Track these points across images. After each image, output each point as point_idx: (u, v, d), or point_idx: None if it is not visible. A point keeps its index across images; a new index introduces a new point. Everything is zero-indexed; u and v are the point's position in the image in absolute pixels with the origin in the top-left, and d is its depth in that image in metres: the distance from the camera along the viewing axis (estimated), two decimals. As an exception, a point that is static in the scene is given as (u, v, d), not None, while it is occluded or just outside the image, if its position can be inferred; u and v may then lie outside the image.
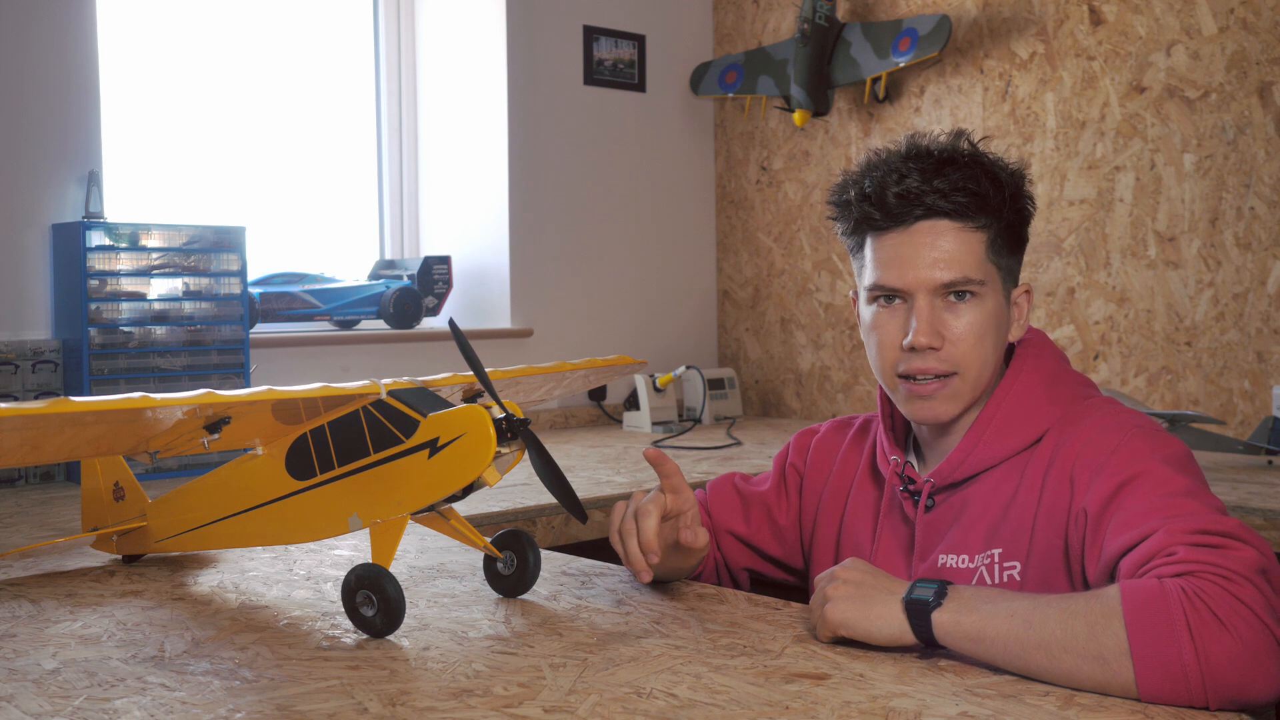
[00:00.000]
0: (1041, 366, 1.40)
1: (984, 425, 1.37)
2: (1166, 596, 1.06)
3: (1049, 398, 1.37)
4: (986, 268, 1.35)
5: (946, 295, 1.35)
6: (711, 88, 3.65)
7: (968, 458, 1.37)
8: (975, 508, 1.37)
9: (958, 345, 1.34)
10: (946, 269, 1.33)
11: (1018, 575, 1.32)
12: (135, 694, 1.11)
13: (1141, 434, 1.29)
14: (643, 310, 3.68)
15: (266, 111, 3.28)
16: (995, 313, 1.36)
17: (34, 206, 2.58)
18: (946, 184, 1.33)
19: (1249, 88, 2.72)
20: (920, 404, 1.37)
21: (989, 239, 1.35)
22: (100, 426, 1.27)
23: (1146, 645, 1.04)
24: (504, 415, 1.25)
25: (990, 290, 1.36)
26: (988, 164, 1.37)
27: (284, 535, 1.42)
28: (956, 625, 1.14)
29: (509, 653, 1.22)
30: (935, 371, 1.35)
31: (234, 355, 2.59)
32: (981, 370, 1.36)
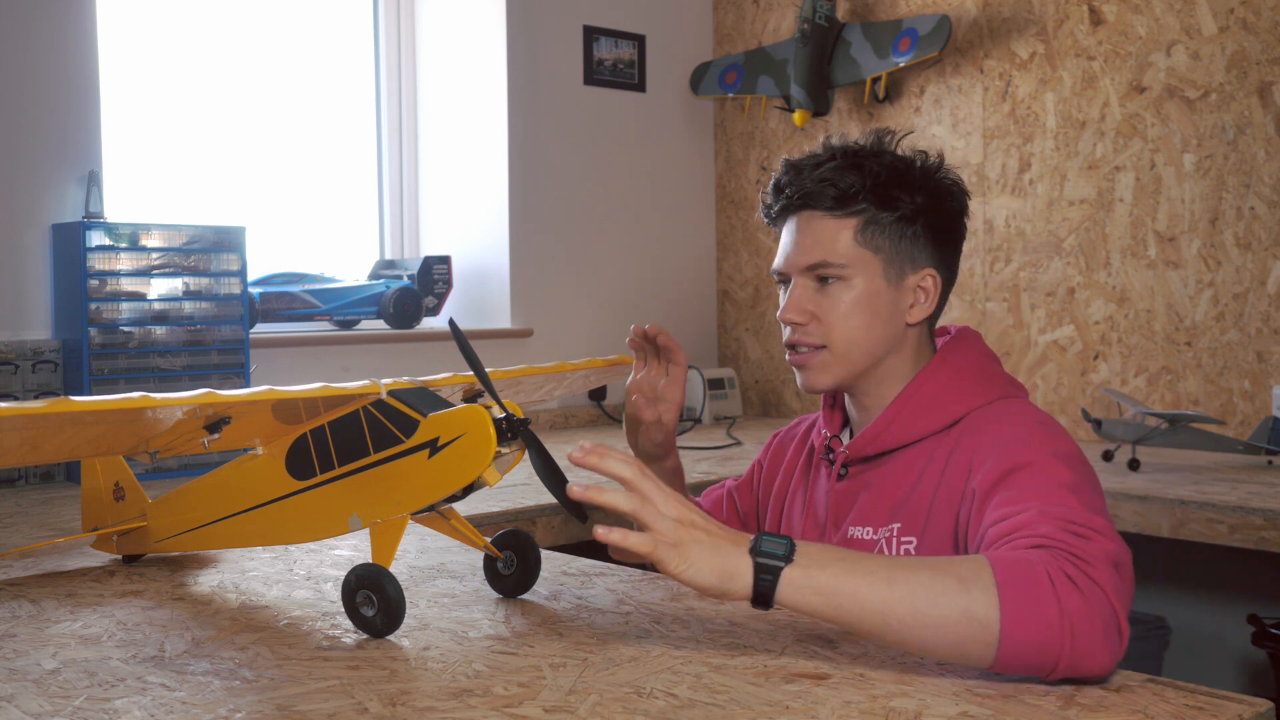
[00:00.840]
0: (967, 360, 1.48)
1: (902, 405, 1.46)
2: (1031, 562, 1.10)
3: (969, 389, 1.45)
4: (855, 253, 1.45)
5: (815, 277, 1.47)
6: (711, 88, 3.65)
7: (882, 434, 1.46)
8: (885, 483, 1.45)
9: (823, 321, 1.46)
10: (808, 253, 1.46)
11: (913, 550, 1.40)
12: (135, 694, 1.11)
13: (1042, 429, 1.36)
14: (643, 310, 3.67)
15: (266, 111, 3.28)
16: (868, 294, 1.45)
17: (34, 206, 2.58)
18: (814, 178, 1.46)
19: (1249, 88, 2.72)
20: (800, 374, 1.51)
21: (859, 225, 1.45)
22: (100, 426, 1.27)
23: (1016, 601, 1.07)
24: (504, 415, 1.25)
25: (860, 273, 1.45)
26: (862, 158, 1.47)
27: (284, 535, 1.42)
28: (809, 580, 1.11)
29: (509, 653, 1.22)
30: (806, 344, 1.48)
31: (234, 355, 2.59)
32: (850, 346, 1.46)
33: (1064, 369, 3.05)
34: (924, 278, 1.48)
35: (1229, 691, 1.09)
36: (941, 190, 1.49)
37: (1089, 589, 1.08)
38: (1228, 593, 2.76)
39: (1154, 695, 1.08)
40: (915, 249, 1.47)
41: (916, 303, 1.48)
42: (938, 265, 1.48)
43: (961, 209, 1.51)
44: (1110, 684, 1.11)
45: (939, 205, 1.48)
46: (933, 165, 1.49)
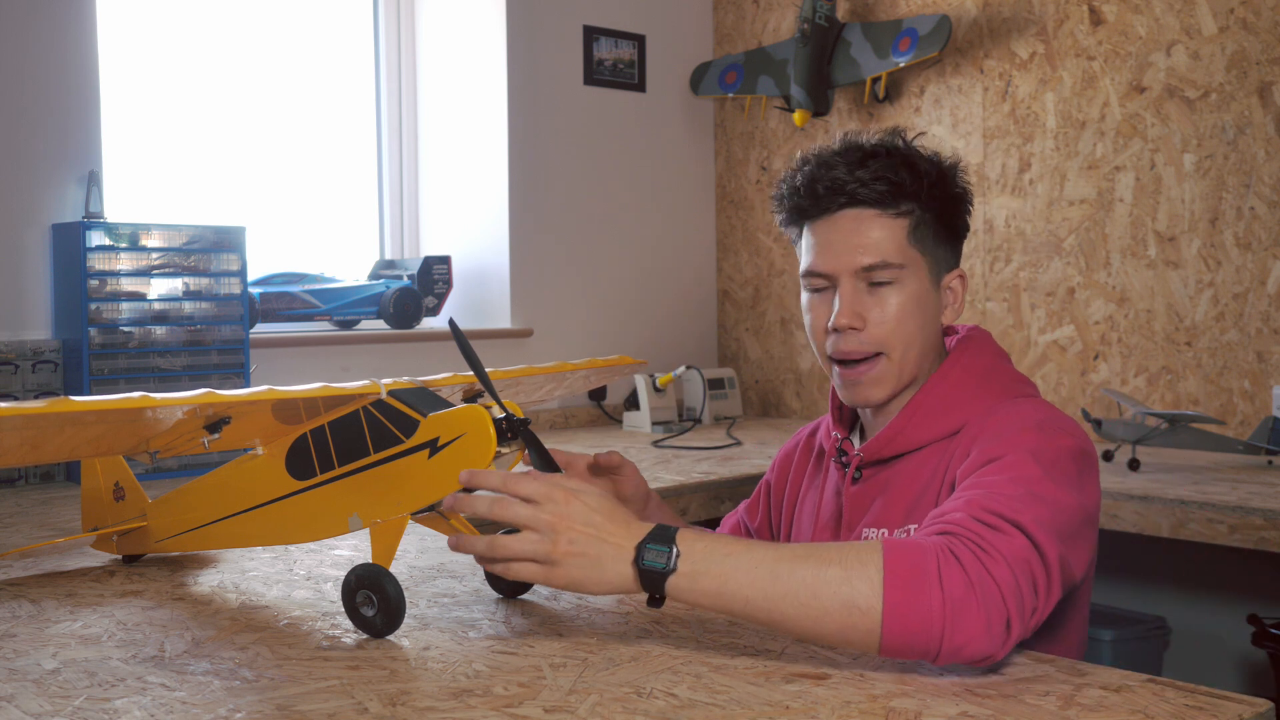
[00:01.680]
0: (977, 361, 1.47)
1: (914, 409, 1.44)
2: (924, 549, 1.11)
3: (977, 391, 1.44)
4: (908, 253, 1.42)
5: (869, 279, 1.42)
6: (711, 88, 3.66)
7: (895, 438, 1.44)
8: (898, 486, 1.44)
9: (880, 326, 1.42)
10: (866, 253, 1.41)
11: None
12: (135, 694, 1.11)
13: (1035, 428, 1.33)
14: (643, 310, 3.68)
15: (266, 112, 3.28)
16: (918, 296, 1.43)
17: (34, 206, 2.58)
18: (867, 174, 1.41)
19: (1249, 88, 2.72)
20: (852, 389, 1.46)
21: (910, 225, 1.42)
22: (100, 426, 1.27)
23: (898, 589, 1.08)
24: (504, 415, 1.25)
25: (912, 275, 1.43)
26: (910, 155, 1.45)
27: (284, 535, 1.42)
28: (694, 585, 1.13)
29: (509, 653, 1.22)
30: (860, 353, 1.43)
31: (234, 355, 2.59)
32: (906, 351, 1.43)
33: (1064, 369, 3.05)
34: (954, 279, 1.48)
35: (1229, 691, 1.09)
36: (960, 191, 1.49)
37: (979, 579, 1.09)
38: (1228, 593, 2.76)
39: (1154, 695, 1.08)
40: (947, 250, 1.47)
41: (949, 304, 1.47)
42: (958, 265, 1.49)
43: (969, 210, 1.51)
44: (1110, 684, 1.11)
45: (960, 207, 1.48)
46: (954, 166, 1.48)
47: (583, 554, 1.15)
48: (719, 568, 1.13)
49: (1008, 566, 1.11)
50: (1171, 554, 2.77)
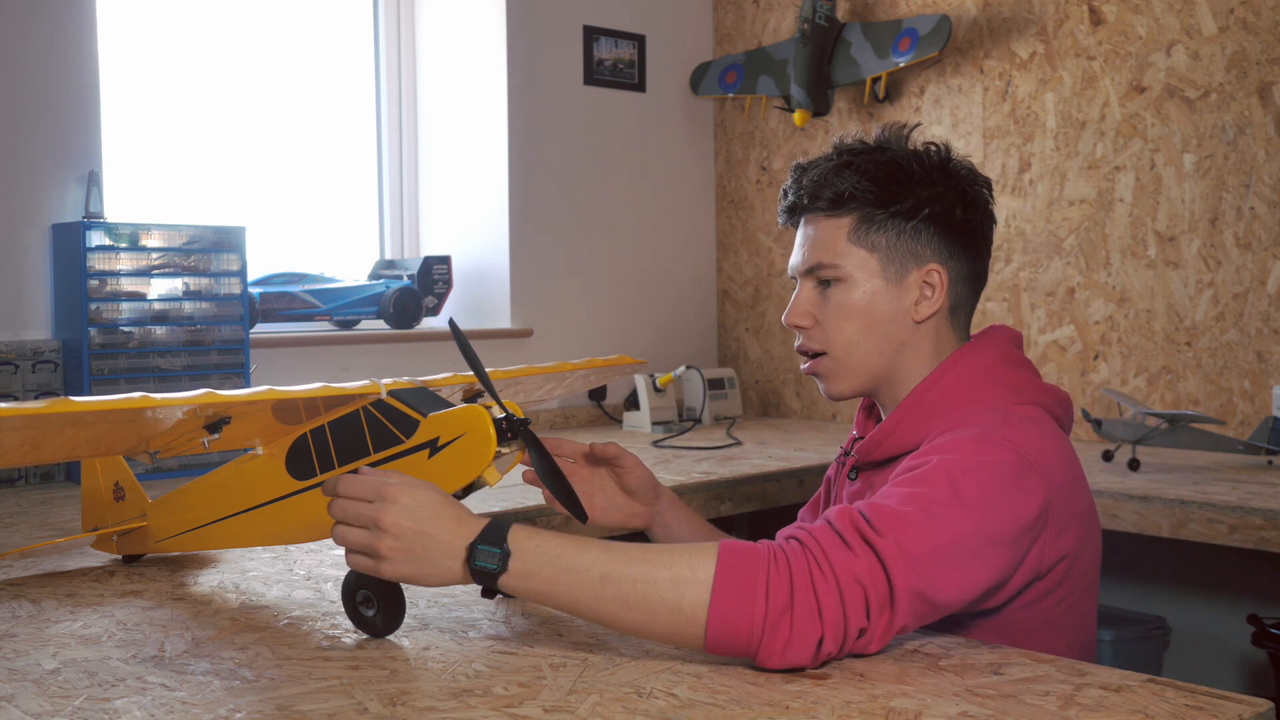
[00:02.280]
0: (978, 364, 1.43)
1: (906, 410, 1.43)
2: (758, 557, 1.14)
3: (972, 395, 1.40)
4: (851, 253, 1.44)
5: (816, 280, 1.46)
6: (711, 88, 3.66)
7: (885, 439, 1.44)
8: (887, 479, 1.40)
9: (822, 325, 1.46)
10: (806, 256, 1.47)
11: None
12: (135, 694, 1.11)
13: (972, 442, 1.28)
14: (643, 310, 3.68)
15: (266, 112, 3.28)
16: (867, 294, 1.44)
17: (34, 206, 2.58)
18: (809, 181, 1.47)
19: (1249, 88, 2.72)
20: (817, 381, 1.51)
21: (852, 225, 1.44)
22: (100, 426, 1.27)
23: (724, 597, 1.12)
24: (504, 415, 1.25)
25: (859, 273, 1.44)
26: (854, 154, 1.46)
27: (284, 535, 1.42)
28: (526, 583, 1.17)
29: (509, 653, 1.22)
30: (807, 350, 1.48)
31: (234, 355, 2.59)
32: (849, 349, 1.45)
33: (1064, 369, 3.05)
34: (929, 273, 1.43)
35: (1229, 691, 1.09)
36: (948, 182, 1.44)
37: (802, 594, 1.12)
38: (1228, 593, 2.76)
39: (1154, 695, 1.08)
40: (917, 244, 1.43)
41: (923, 298, 1.44)
42: (946, 259, 1.43)
43: (974, 200, 1.46)
44: (1110, 684, 1.11)
45: (944, 198, 1.43)
46: (937, 158, 1.45)
47: (409, 550, 1.18)
48: (549, 569, 1.16)
49: (836, 586, 1.13)
50: (1171, 554, 2.77)
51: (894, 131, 1.49)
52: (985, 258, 1.49)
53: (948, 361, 1.44)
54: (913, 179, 1.43)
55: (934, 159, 1.46)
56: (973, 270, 1.47)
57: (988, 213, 1.48)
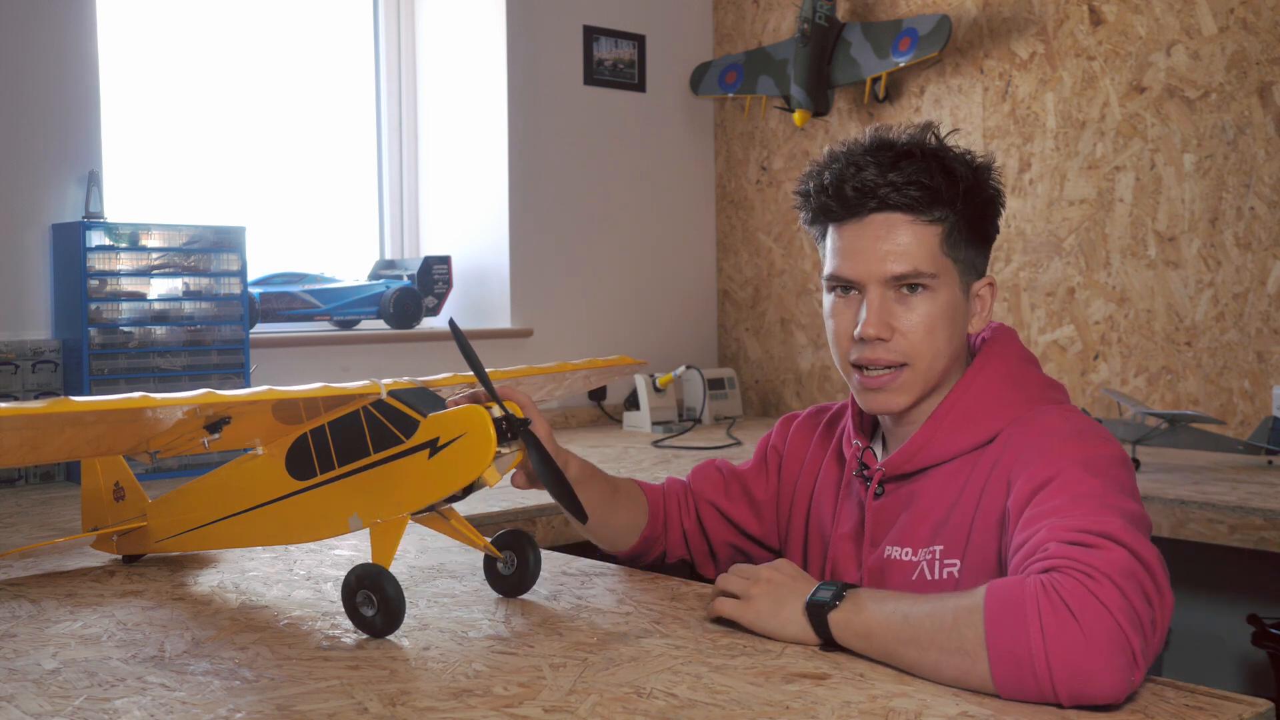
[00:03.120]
0: (1003, 367, 1.41)
1: (939, 420, 1.39)
2: (1024, 590, 1.08)
3: (1006, 399, 1.38)
4: (940, 261, 1.36)
5: (899, 287, 1.36)
6: (711, 88, 3.65)
7: (920, 451, 1.39)
8: (923, 502, 1.39)
9: (908, 337, 1.36)
10: (898, 261, 1.35)
11: (957, 573, 1.34)
12: (135, 694, 1.11)
13: (1075, 439, 1.29)
14: (643, 310, 3.67)
15: (266, 111, 3.28)
16: (949, 305, 1.38)
17: (34, 206, 2.58)
18: (900, 177, 1.35)
19: (1249, 88, 2.72)
20: (871, 395, 1.40)
21: (944, 232, 1.37)
22: (100, 426, 1.27)
23: (1000, 637, 1.07)
24: (504, 415, 1.25)
25: (944, 283, 1.37)
26: (945, 158, 1.38)
27: (284, 535, 1.42)
28: (848, 624, 1.19)
29: (509, 653, 1.22)
30: (885, 362, 1.37)
31: (234, 355, 2.59)
32: (933, 362, 1.38)
33: (1064, 369, 3.05)
34: (984, 286, 1.42)
35: (1229, 691, 1.09)
36: (993, 194, 1.43)
37: (1086, 617, 1.04)
38: (1228, 593, 2.75)
39: (1154, 695, 1.08)
40: (978, 256, 1.41)
41: (976, 313, 1.42)
42: (988, 271, 1.44)
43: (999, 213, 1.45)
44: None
45: (992, 210, 1.43)
46: (985, 166, 1.42)
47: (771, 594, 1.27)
48: (870, 609, 1.18)
49: (1113, 585, 1.06)
50: (1171, 554, 2.75)
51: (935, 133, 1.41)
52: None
53: (973, 368, 1.41)
54: (983, 190, 1.40)
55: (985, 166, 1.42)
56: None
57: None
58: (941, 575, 1.35)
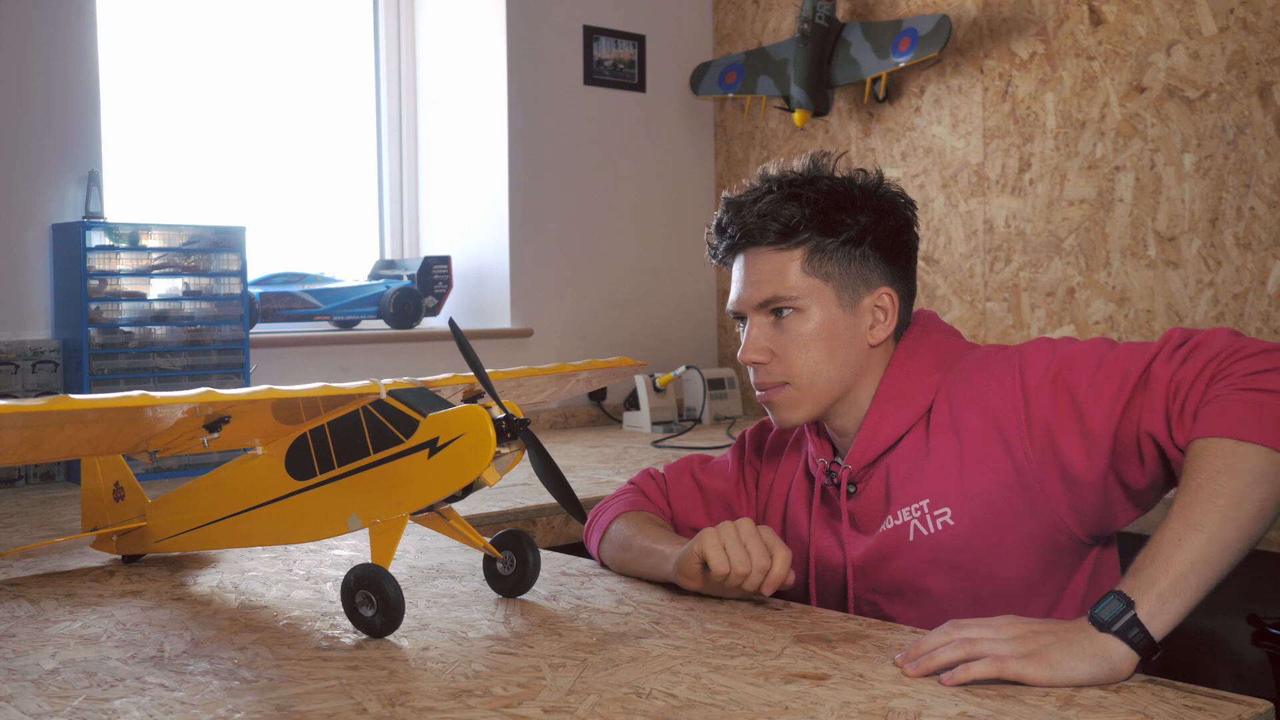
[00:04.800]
0: (920, 345, 1.49)
1: (880, 406, 1.46)
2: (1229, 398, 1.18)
3: (931, 367, 1.46)
4: (805, 283, 1.44)
5: (769, 312, 1.46)
6: (711, 88, 3.65)
7: (873, 438, 1.45)
8: (897, 474, 1.44)
9: (783, 358, 1.45)
10: (759, 289, 1.46)
11: (950, 519, 1.39)
12: (134, 694, 1.11)
13: (1029, 347, 1.39)
14: (643, 310, 3.67)
15: (266, 112, 3.28)
16: (824, 323, 1.45)
17: (34, 206, 2.58)
18: (755, 214, 1.46)
19: (1249, 88, 2.72)
20: (771, 411, 1.50)
21: (805, 256, 1.45)
22: (100, 425, 1.27)
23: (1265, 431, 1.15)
24: (504, 415, 1.25)
25: (814, 303, 1.45)
26: (798, 187, 1.46)
27: (284, 535, 1.42)
28: (1163, 606, 1.14)
29: (509, 653, 1.22)
30: (769, 384, 1.47)
31: (234, 355, 2.59)
32: (813, 378, 1.45)
33: (1064, 369, 3.05)
34: (880, 297, 1.47)
35: (1229, 692, 1.09)
36: (885, 206, 1.48)
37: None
38: (1228, 593, 2.75)
39: (1154, 695, 1.08)
40: (866, 270, 1.46)
41: (876, 323, 1.47)
42: (892, 282, 1.48)
43: (908, 222, 1.50)
44: (1110, 685, 1.11)
45: (884, 222, 1.47)
46: (872, 183, 1.49)
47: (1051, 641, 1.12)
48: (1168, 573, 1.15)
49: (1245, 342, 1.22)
50: (1171, 554, 2.76)
51: (821, 159, 1.51)
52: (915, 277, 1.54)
53: (897, 354, 1.48)
54: (856, 205, 1.46)
55: (870, 184, 1.49)
56: (911, 290, 1.52)
57: (916, 234, 1.53)
58: (936, 526, 1.40)
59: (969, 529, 1.38)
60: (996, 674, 1.10)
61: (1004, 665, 1.10)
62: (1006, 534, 1.37)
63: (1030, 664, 1.10)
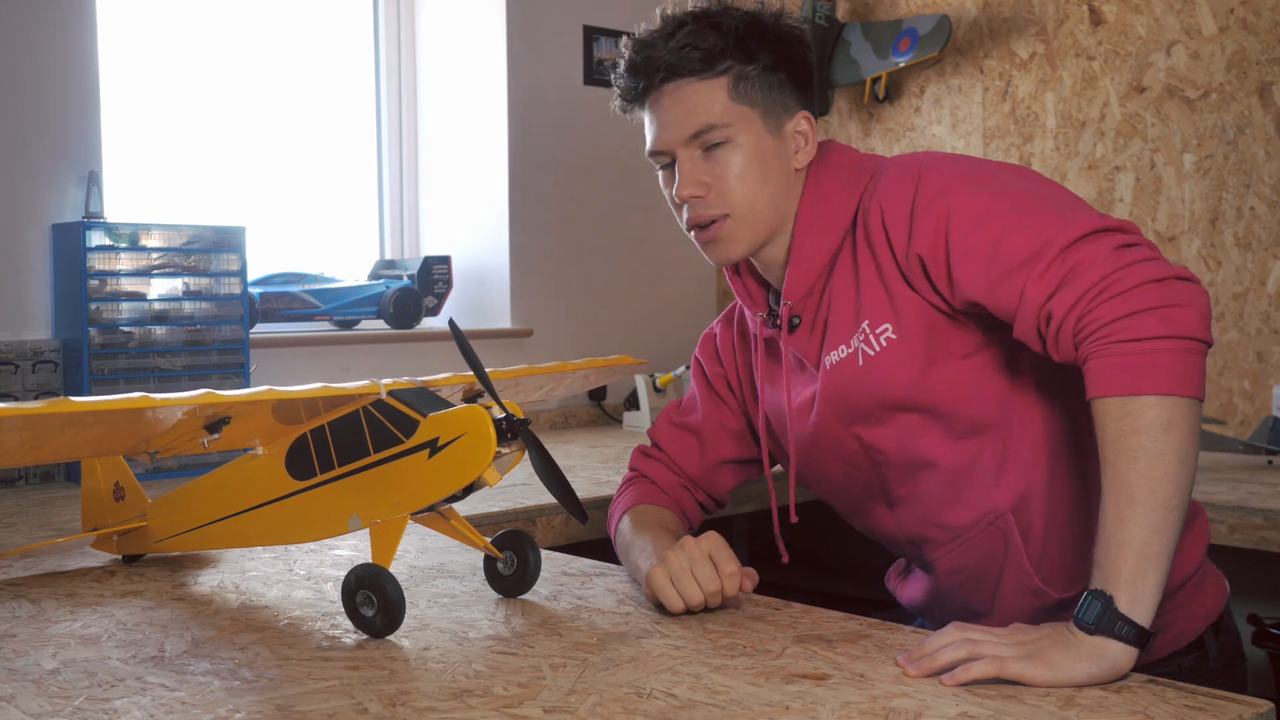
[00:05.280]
0: (827, 166, 1.48)
1: (803, 230, 1.45)
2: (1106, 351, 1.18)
3: (841, 184, 1.46)
4: (733, 110, 1.43)
5: (701, 146, 1.44)
6: (711, 88, 3.65)
7: (803, 265, 1.45)
8: (835, 301, 1.43)
9: (719, 189, 1.44)
10: (688, 122, 1.44)
11: (893, 334, 1.38)
12: (135, 694, 1.11)
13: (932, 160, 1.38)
14: (643, 310, 3.67)
15: (266, 111, 3.28)
16: (755, 150, 1.44)
17: (34, 206, 2.58)
18: (675, 44, 1.44)
19: (1249, 88, 2.72)
20: (710, 248, 1.48)
21: (730, 83, 1.43)
22: (100, 427, 1.27)
23: (1154, 380, 1.14)
24: (504, 415, 1.25)
25: (743, 130, 1.43)
26: (715, 16, 1.45)
27: (284, 535, 1.42)
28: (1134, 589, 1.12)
29: (509, 653, 1.22)
30: (708, 218, 1.45)
31: (234, 355, 2.59)
32: (752, 206, 1.44)
33: (1064, 369, 3.05)
34: (799, 122, 1.48)
35: (1229, 692, 1.09)
36: (792, 37, 1.49)
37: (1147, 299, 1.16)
38: (1228, 593, 2.75)
39: (1154, 695, 1.08)
40: (785, 96, 1.46)
41: (799, 148, 1.48)
42: (807, 107, 1.49)
43: (809, 50, 1.51)
44: (1110, 684, 1.11)
45: (793, 51, 1.48)
46: (776, 13, 1.49)
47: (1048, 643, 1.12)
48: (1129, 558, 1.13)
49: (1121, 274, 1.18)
50: (1171, 554, 2.76)
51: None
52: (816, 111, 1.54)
53: (811, 179, 1.47)
54: (769, 34, 1.46)
55: (774, 15, 1.49)
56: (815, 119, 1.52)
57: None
58: (881, 344, 1.39)
59: (917, 343, 1.37)
60: (996, 674, 1.10)
61: (1004, 665, 1.11)
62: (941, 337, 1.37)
63: (1031, 664, 1.11)
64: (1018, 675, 1.10)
